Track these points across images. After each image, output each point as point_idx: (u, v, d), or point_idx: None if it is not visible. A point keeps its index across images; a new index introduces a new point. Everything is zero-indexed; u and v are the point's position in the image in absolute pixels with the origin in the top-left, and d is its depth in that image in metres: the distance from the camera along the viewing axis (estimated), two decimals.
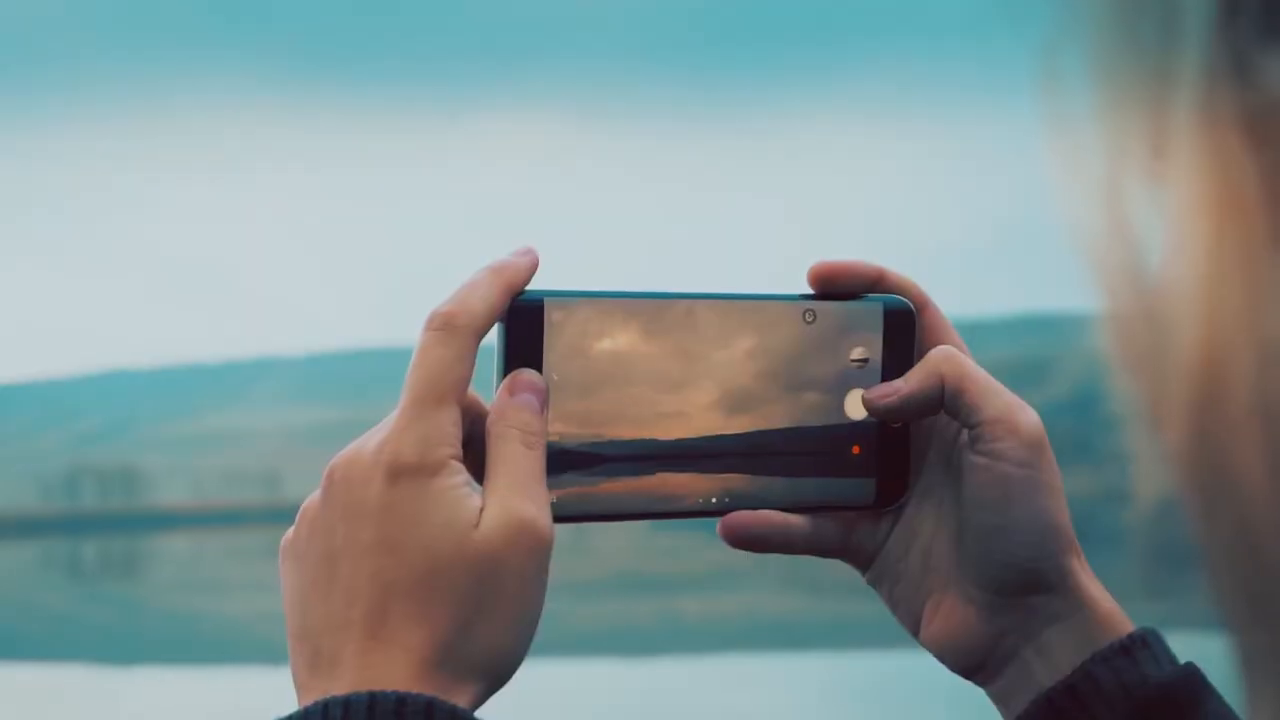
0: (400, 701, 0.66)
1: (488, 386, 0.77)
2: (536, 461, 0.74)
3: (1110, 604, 0.79)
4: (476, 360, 0.74)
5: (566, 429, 0.78)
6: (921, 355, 0.82)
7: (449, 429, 0.72)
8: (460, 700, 0.69)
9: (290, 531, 0.75)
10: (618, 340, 0.79)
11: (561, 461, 0.78)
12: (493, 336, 0.77)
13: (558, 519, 0.76)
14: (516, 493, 0.72)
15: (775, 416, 0.82)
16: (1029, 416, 0.78)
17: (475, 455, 0.75)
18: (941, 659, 0.81)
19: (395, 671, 0.68)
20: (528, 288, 0.77)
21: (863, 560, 0.84)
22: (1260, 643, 0.33)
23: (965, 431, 0.79)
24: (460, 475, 0.72)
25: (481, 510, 0.71)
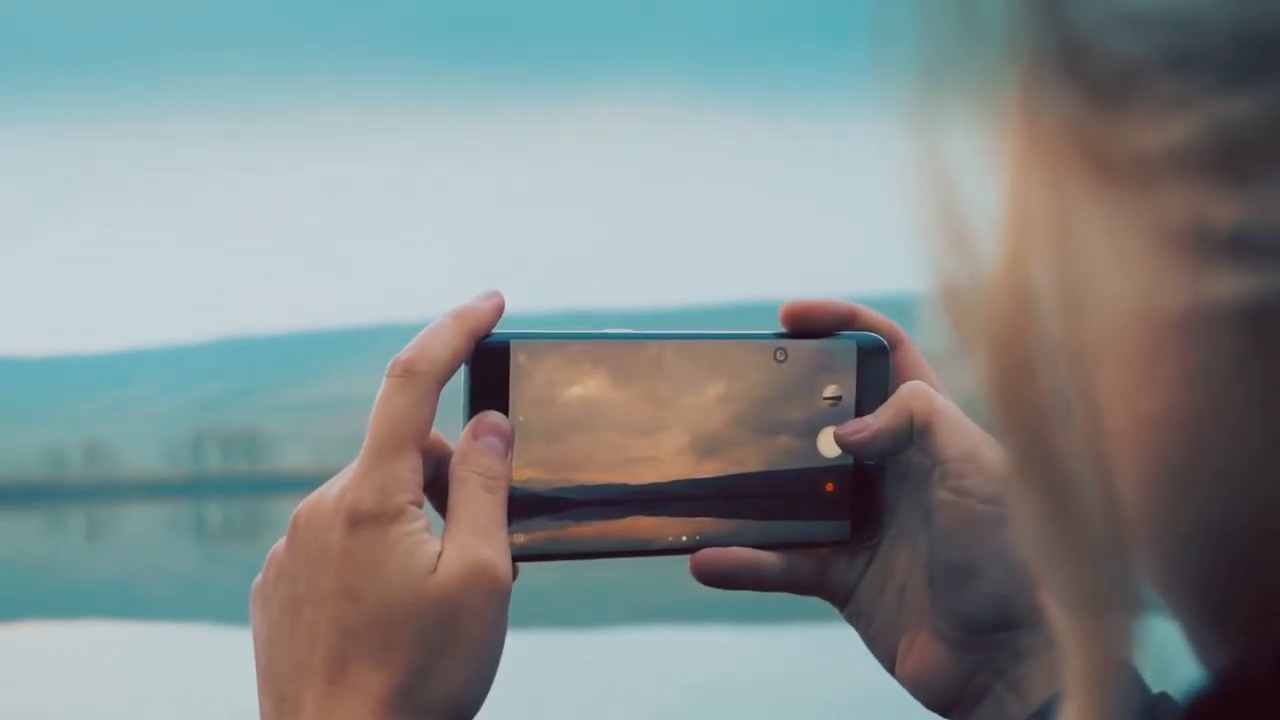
0: None
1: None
2: (497, 505, 0.75)
3: None
4: (439, 404, 0.75)
5: (535, 473, 0.78)
6: None
7: (408, 476, 0.73)
8: None
9: (259, 576, 0.76)
10: (586, 384, 0.78)
11: (530, 506, 0.78)
12: (459, 380, 0.76)
13: (525, 558, 0.78)
14: (475, 537, 0.73)
15: (747, 459, 0.81)
16: (997, 452, 0.76)
17: (441, 497, 0.76)
18: (916, 696, 0.80)
19: (355, 716, 0.70)
20: (495, 330, 0.77)
21: (839, 598, 0.84)
22: (1072, 597, 0.34)
23: (936, 468, 0.78)
24: (418, 521, 0.73)
25: (440, 555, 0.72)
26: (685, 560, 0.83)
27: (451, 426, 0.78)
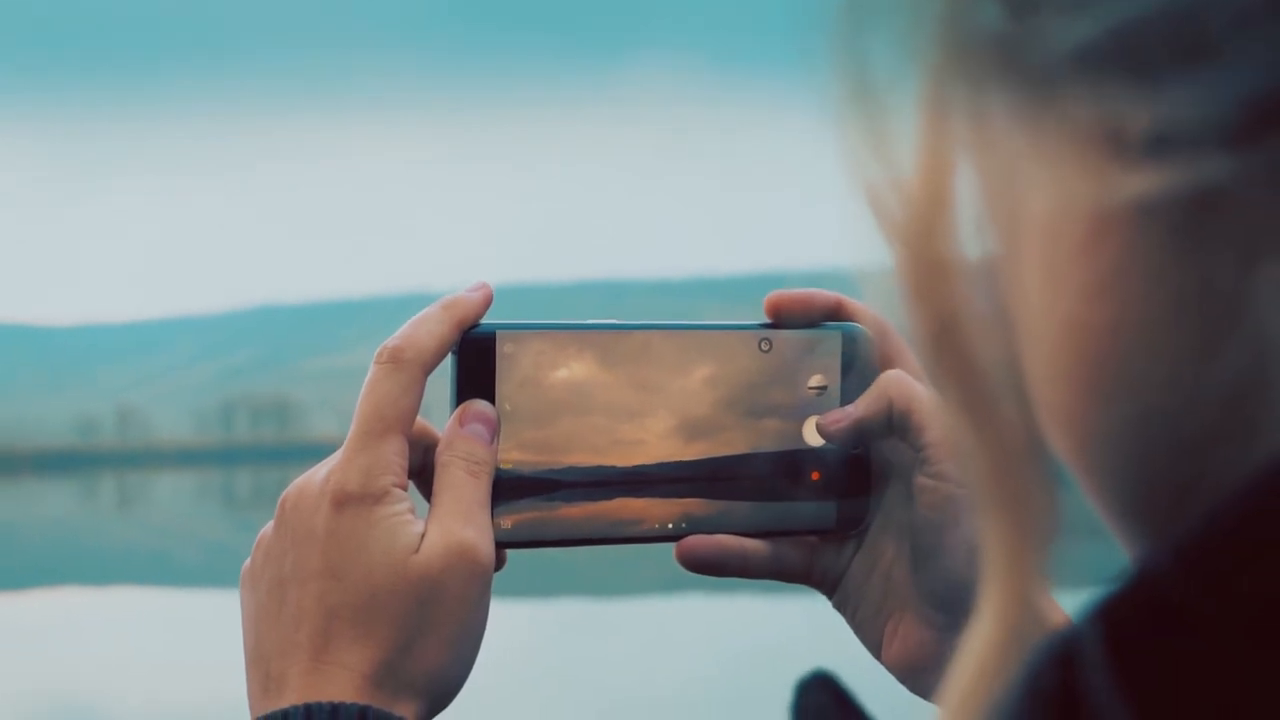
0: (335, 711, 0.69)
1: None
2: (481, 489, 0.76)
3: (1063, 618, 0.76)
4: (426, 391, 0.77)
5: (523, 456, 0.79)
6: None
7: (393, 459, 0.74)
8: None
9: (248, 560, 0.78)
10: (572, 369, 0.80)
11: (518, 488, 0.79)
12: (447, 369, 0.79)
13: (513, 544, 0.79)
14: (458, 519, 0.74)
15: (734, 443, 0.82)
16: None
17: (429, 485, 0.77)
18: (901, 680, 0.81)
19: (337, 690, 0.71)
20: (483, 321, 0.79)
21: (827, 585, 0.84)
22: (990, 497, 0.34)
23: (916, 454, 0.79)
24: (403, 503, 0.74)
25: (423, 536, 0.74)
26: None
27: (441, 418, 0.79)
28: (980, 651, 0.34)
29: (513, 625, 11.65)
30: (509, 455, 0.79)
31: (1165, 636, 0.29)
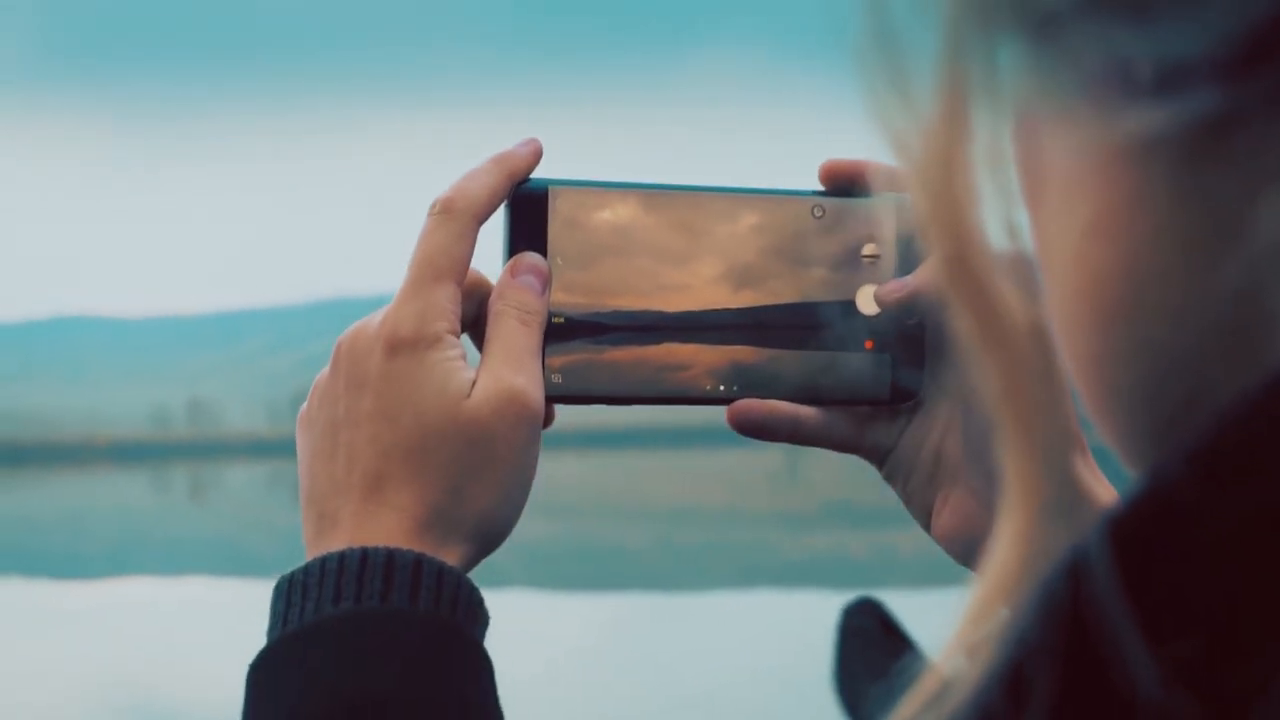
0: (390, 557, 0.70)
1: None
2: (532, 338, 0.76)
3: (1112, 498, 0.72)
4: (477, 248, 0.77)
5: (571, 298, 0.79)
6: None
7: (445, 305, 0.75)
8: (450, 559, 0.72)
9: (304, 405, 0.78)
10: (620, 216, 0.80)
11: (567, 331, 0.79)
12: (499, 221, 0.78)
13: (562, 397, 0.79)
14: (509, 365, 0.75)
15: (783, 295, 0.81)
16: None
17: (483, 337, 0.78)
18: (950, 552, 0.80)
19: (388, 531, 0.72)
20: (535, 176, 0.79)
21: (877, 456, 0.84)
22: (1005, 418, 0.35)
23: None
24: (455, 349, 0.75)
25: (474, 382, 0.74)
26: (803, 516, 0.75)
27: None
28: (999, 569, 0.35)
29: (581, 618, 11.59)
30: (557, 299, 0.79)
31: (1172, 547, 0.29)
